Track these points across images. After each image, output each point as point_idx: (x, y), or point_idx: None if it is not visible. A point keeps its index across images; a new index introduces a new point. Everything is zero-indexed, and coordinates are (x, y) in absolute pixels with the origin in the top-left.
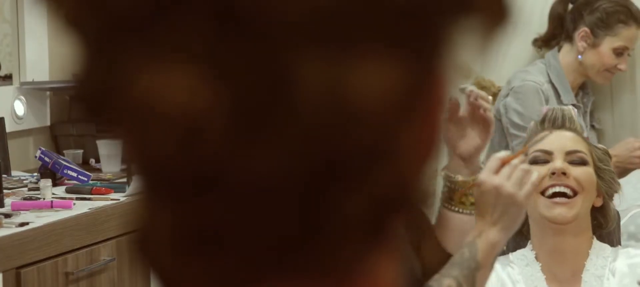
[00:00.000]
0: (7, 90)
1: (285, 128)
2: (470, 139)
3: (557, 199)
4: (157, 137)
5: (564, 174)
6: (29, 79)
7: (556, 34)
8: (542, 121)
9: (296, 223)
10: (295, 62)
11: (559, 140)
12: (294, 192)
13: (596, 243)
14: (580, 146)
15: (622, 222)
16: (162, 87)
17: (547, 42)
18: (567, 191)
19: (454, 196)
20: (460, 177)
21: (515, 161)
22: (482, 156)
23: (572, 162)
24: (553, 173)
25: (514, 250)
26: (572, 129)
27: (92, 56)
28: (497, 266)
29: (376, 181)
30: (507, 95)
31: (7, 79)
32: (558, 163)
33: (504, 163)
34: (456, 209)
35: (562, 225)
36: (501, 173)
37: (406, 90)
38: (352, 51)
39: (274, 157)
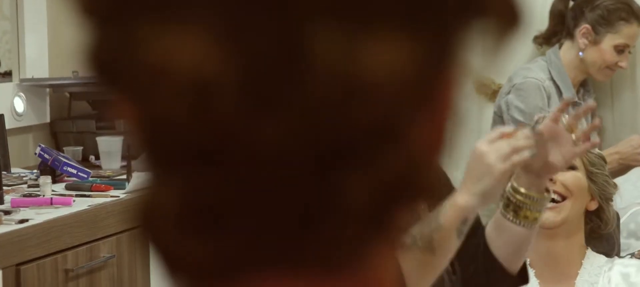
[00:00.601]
0: (7, 87)
1: (295, 99)
2: (548, 156)
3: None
4: (167, 100)
5: (551, 179)
6: (29, 76)
7: (557, 31)
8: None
9: (298, 207)
10: (311, 33)
11: None
12: (299, 170)
13: (590, 253)
14: None
15: (622, 220)
16: (174, 50)
17: (548, 39)
18: (555, 196)
19: (510, 205)
20: (523, 190)
21: (517, 138)
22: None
23: None
24: None
25: None
26: None
27: (103, 27)
28: None
29: (381, 166)
30: (509, 92)
31: (7, 75)
32: None
33: (503, 137)
34: (512, 218)
35: (551, 229)
36: (495, 144)
37: (416, 76)
38: (368, 28)
39: (282, 128)
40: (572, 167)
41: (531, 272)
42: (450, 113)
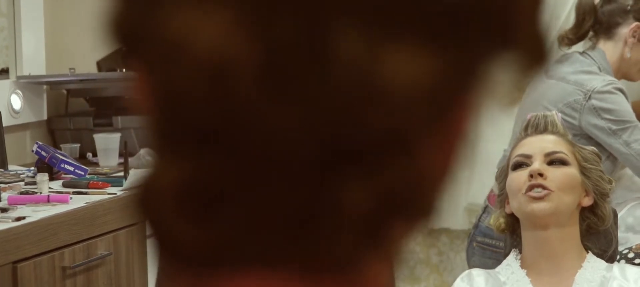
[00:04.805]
0: (4, 84)
1: (313, 94)
2: None
3: (535, 193)
4: (185, 75)
5: (541, 175)
6: (26, 73)
7: (587, 29)
8: (526, 127)
9: (297, 205)
10: (336, 30)
11: (539, 144)
12: (305, 166)
13: (591, 257)
14: (561, 147)
15: (619, 215)
16: (195, 26)
17: (581, 38)
18: (546, 192)
19: None
20: None
21: None
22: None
23: (552, 163)
24: (531, 175)
25: (509, 251)
26: (554, 132)
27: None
28: (481, 279)
29: (385, 177)
30: (589, 98)
31: (4, 72)
32: (536, 165)
33: None
34: None
35: (542, 218)
36: None
37: (433, 92)
38: (391, 36)
39: (296, 120)
40: (564, 163)
41: (522, 273)
42: (463, 139)
